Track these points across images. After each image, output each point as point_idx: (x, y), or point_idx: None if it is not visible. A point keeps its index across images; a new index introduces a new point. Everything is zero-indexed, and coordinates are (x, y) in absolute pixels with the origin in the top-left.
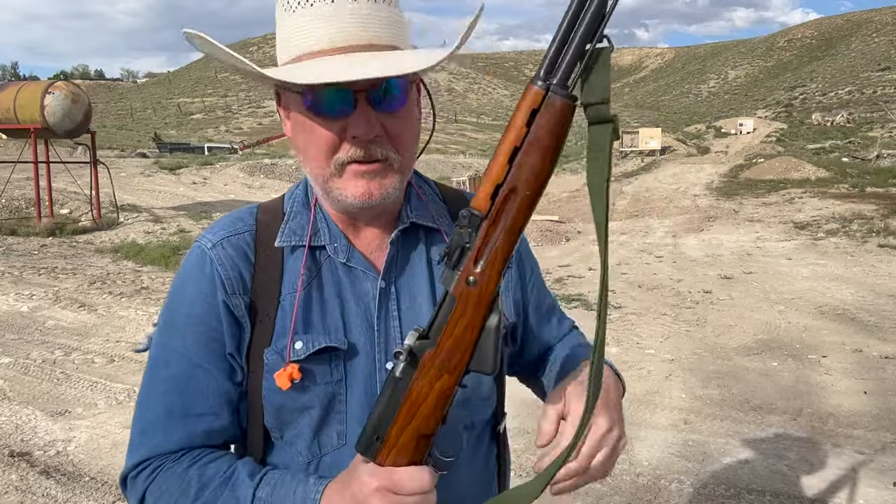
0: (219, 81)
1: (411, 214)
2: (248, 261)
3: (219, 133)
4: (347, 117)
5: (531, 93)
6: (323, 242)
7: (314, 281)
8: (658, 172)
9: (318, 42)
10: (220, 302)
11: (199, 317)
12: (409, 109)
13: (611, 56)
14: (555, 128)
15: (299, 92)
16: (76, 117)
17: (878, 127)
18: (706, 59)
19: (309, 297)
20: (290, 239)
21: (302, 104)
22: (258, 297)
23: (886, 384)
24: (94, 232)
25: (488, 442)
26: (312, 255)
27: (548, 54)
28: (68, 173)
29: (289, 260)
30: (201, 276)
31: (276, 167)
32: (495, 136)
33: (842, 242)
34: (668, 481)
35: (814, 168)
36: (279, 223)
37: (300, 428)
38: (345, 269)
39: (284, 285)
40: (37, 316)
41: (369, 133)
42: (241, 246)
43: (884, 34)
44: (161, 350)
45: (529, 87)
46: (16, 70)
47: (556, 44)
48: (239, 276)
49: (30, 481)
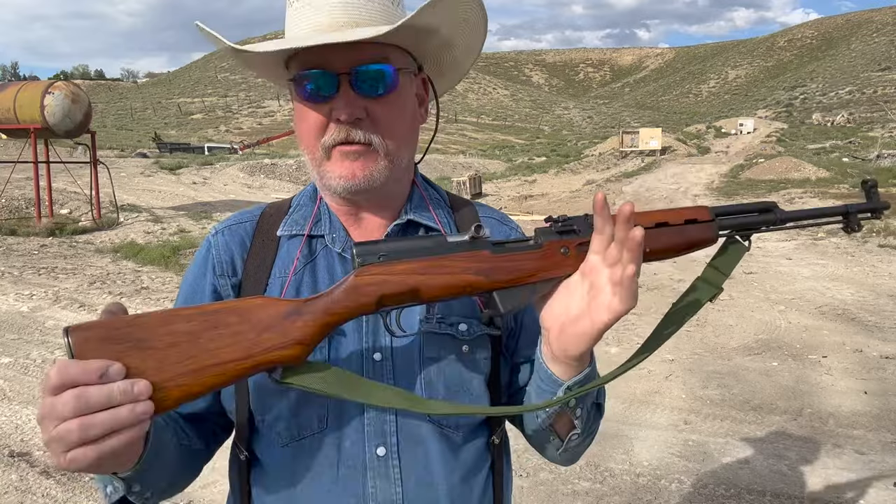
0: (219, 81)
1: (410, 212)
2: (244, 247)
3: (219, 133)
4: (331, 101)
5: (700, 209)
6: (322, 232)
7: (308, 267)
8: (658, 172)
9: (307, 27)
10: (208, 283)
11: (186, 298)
12: (398, 97)
13: (743, 253)
14: (696, 242)
15: (294, 80)
16: (76, 117)
17: (878, 127)
18: (706, 59)
19: (301, 282)
20: (292, 228)
21: (296, 91)
22: (247, 280)
23: (886, 384)
24: (94, 232)
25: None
26: (309, 244)
27: (731, 209)
28: (68, 173)
29: (284, 247)
30: (199, 260)
31: (276, 167)
32: (495, 136)
33: (842, 242)
34: (668, 481)
35: (814, 168)
36: (282, 215)
37: (280, 410)
38: (340, 258)
39: (275, 270)
40: (37, 316)
41: (351, 115)
42: (240, 233)
43: (884, 34)
44: None
45: (703, 206)
46: (16, 70)
47: (737, 207)
48: (230, 259)
49: (30, 481)
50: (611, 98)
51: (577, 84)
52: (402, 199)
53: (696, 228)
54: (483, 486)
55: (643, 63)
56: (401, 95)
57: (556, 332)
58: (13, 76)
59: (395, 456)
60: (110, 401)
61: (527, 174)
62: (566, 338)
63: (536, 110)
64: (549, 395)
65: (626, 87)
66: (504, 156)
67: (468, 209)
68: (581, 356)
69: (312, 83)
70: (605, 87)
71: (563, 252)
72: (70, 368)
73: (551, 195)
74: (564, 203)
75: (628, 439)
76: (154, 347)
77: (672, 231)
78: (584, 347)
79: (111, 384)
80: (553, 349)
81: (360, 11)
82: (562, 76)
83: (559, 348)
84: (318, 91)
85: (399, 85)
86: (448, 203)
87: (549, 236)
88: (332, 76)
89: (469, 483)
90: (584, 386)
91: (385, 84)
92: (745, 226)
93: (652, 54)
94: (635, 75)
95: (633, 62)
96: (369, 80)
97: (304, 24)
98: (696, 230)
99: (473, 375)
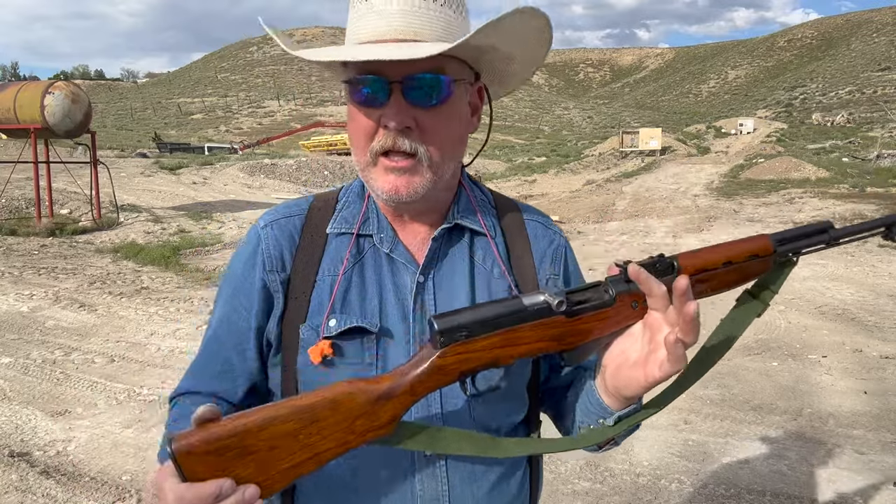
0: (219, 81)
1: (457, 215)
2: (293, 242)
3: (219, 133)
4: (383, 107)
5: (762, 242)
6: (371, 231)
7: (356, 266)
8: (658, 172)
9: (367, 33)
10: (258, 277)
11: (235, 289)
12: (449, 108)
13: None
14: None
15: (349, 83)
16: (76, 117)
17: (878, 127)
18: (706, 59)
19: (350, 281)
20: (342, 226)
21: (350, 94)
22: (295, 276)
23: (886, 384)
24: (94, 232)
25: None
26: (357, 243)
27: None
28: (68, 173)
29: (332, 244)
30: (248, 252)
31: (276, 167)
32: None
33: None
34: (668, 481)
35: (814, 168)
36: (331, 211)
37: None
38: (387, 259)
39: (322, 267)
40: (37, 316)
41: (400, 123)
42: (289, 229)
43: (884, 34)
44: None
45: (764, 238)
46: (16, 70)
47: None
48: (280, 255)
49: (30, 481)
50: (611, 98)
51: (577, 84)
52: (448, 203)
53: (757, 263)
54: (521, 482)
55: (643, 63)
56: (452, 106)
57: (613, 372)
58: (13, 76)
59: (441, 455)
60: None
61: (527, 174)
62: (621, 380)
63: (536, 110)
64: (597, 418)
65: (626, 87)
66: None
67: (514, 214)
68: (633, 398)
69: (366, 88)
70: (605, 87)
71: (633, 306)
72: (186, 496)
73: (551, 195)
74: (564, 203)
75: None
76: (256, 451)
77: (735, 269)
78: (636, 393)
79: (226, 501)
80: (607, 385)
81: (422, 21)
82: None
83: (613, 386)
84: (371, 96)
85: (451, 96)
86: (493, 204)
87: (619, 286)
88: (384, 83)
89: (508, 480)
90: (633, 417)
91: (437, 95)
92: (801, 248)
93: (652, 54)
94: (635, 75)
95: (633, 62)
96: (421, 89)
97: (366, 30)
98: (758, 265)
99: (516, 384)
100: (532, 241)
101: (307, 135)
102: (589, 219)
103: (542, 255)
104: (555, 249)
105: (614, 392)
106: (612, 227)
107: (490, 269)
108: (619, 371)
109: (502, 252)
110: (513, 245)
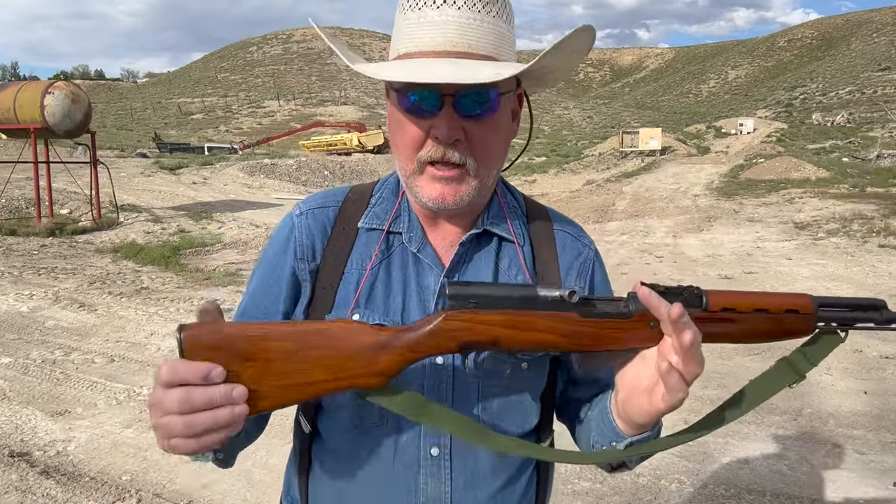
0: (219, 81)
1: (487, 221)
2: (325, 233)
3: (219, 133)
4: (433, 118)
5: (803, 299)
6: (401, 230)
7: (384, 263)
8: (658, 172)
9: (417, 44)
10: (288, 264)
11: (266, 272)
12: (497, 120)
13: (837, 344)
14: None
15: (397, 90)
16: (76, 117)
17: (878, 127)
18: (706, 59)
19: (376, 276)
20: (373, 222)
21: (398, 101)
22: (325, 266)
23: (886, 384)
24: (94, 232)
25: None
26: (387, 240)
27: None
28: (68, 173)
29: (362, 239)
30: (282, 238)
31: (276, 167)
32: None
33: (842, 242)
34: (668, 481)
35: (814, 168)
36: (364, 204)
37: (344, 399)
38: (414, 258)
39: (351, 261)
40: (37, 316)
41: (450, 136)
42: (323, 219)
43: (884, 34)
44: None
45: (806, 296)
46: (16, 70)
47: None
48: (311, 244)
49: (30, 481)
50: (611, 98)
51: (577, 84)
52: (481, 208)
53: (794, 318)
54: (525, 487)
55: (643, 63)
56: (500, 117)
57: (625, 396)
58: (13, 76)
59: (447, 457)
60: (211, 402)
61: (527, 174)
62: (632, 406)
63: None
64: (609, 441)
65: (626, 87)
66: None
67: (544, 223)
68: (644, 425)
69: (416, 96)
70: (605, 87)
71: (652, 326)
72: (179, 368)
73: (551, 195)
74: (564, 203)
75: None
76: (253, 359)
77: (769, 319)
78: (645, 421)
79: (214, 387)
80: (619, 409)
81: (476, 34)
82: None
83: (624, 412)
84: (420, 106)
85: (500, 108)
86: (524, 211)
87: (640, 304)
88: (437, 96)
89: (514, 485)
90: (645, 445)
91: (487, 107)
92: (848, 321)
93: (652, 54)
94: (635, 75)
95: (633, 62)
96: (472, 102)
97: (422, 40)
98: (795, 320)
99: (528, 390)
100: (559, 252)
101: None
102: (589, 219)
103: (569, 266)
104: (582, 262)
105: (625, 417)
106: (612, 227)
107: (514, 277)
108: (631, 396)
109: (528, 260)
110: (539, 254)
